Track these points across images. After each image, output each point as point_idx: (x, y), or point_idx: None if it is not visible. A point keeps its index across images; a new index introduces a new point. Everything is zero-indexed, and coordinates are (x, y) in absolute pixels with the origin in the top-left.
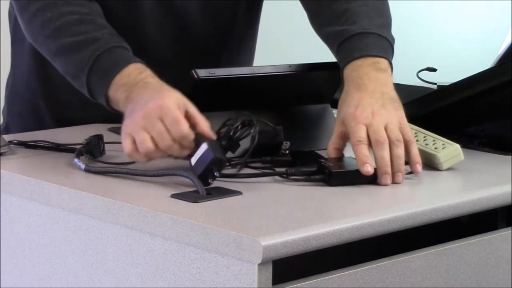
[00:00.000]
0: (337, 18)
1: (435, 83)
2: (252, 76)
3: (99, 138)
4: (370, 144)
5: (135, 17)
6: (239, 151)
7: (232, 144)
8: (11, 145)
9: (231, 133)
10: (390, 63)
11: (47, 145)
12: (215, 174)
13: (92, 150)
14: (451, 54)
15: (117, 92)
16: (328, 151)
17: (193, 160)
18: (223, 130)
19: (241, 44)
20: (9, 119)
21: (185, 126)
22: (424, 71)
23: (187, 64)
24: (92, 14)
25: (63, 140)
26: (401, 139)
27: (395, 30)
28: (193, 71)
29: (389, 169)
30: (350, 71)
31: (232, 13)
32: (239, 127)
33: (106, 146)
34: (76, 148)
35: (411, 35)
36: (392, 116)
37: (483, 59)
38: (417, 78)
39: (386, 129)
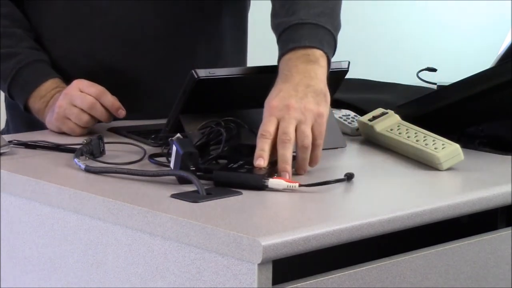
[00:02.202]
0: (281, 8)
1: (435, 83)
2: (252, 76)
3: (99, 138)
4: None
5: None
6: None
7: (204, 147)
8: (11, 145)
9: (204, 137)
10: (325, 53)
11: (47, 145)
12: (192, 168)
13: (92, 150)
14: (451, 54)
15: (35, 103)
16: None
17: (171, 162)
18: (202, 130)
19: (227, 32)
20: (9, 116)
21: (98, 86)
22: (424, 71)
23: (164, 44)
24: (12, 26)
25: (63, 140)
26: (309, 144)
27: (395, 30)
28: (193, 71)
29: (288, 167)
30: (282, 65)
31: (213, 6)
32: (211, 134)
33: (106, 146)
34: (76, 148)
35: (411, 35)
36: (309, 111)
37: (483, 59)
38: (417, 78)
39: (297, 127)
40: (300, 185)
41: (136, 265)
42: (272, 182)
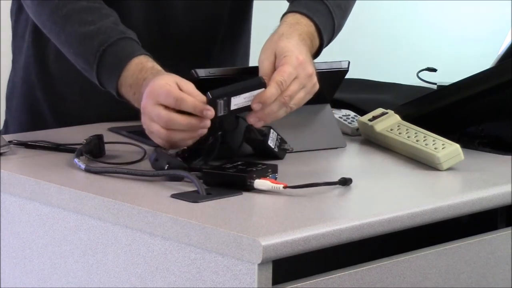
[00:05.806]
0: None
1: (435, 83)
2: (252, 76)
3: (99, 138)
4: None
5: (119, 15)
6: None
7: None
8: (11, 145)
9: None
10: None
11: (47, 145)
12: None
13: (92, 150)
14: (451, 54)
15: (126, 93)
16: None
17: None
18: None
19: (233, 40)
20: (8, 115)
21: (175, 92)
22: (424, 71)
23: (175, 59)
24: (98, 1)
25: (63, 140)
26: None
27: (395, 31)
28: (193, 71)
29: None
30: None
31: (218, 10)
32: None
33: (106, 146)
34: (76, 148)
35: (411, 35)
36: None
37: (483, 59)
38: (417, 78)
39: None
40: (286, 187)
41: (136, 265)
42: (258, 182)
